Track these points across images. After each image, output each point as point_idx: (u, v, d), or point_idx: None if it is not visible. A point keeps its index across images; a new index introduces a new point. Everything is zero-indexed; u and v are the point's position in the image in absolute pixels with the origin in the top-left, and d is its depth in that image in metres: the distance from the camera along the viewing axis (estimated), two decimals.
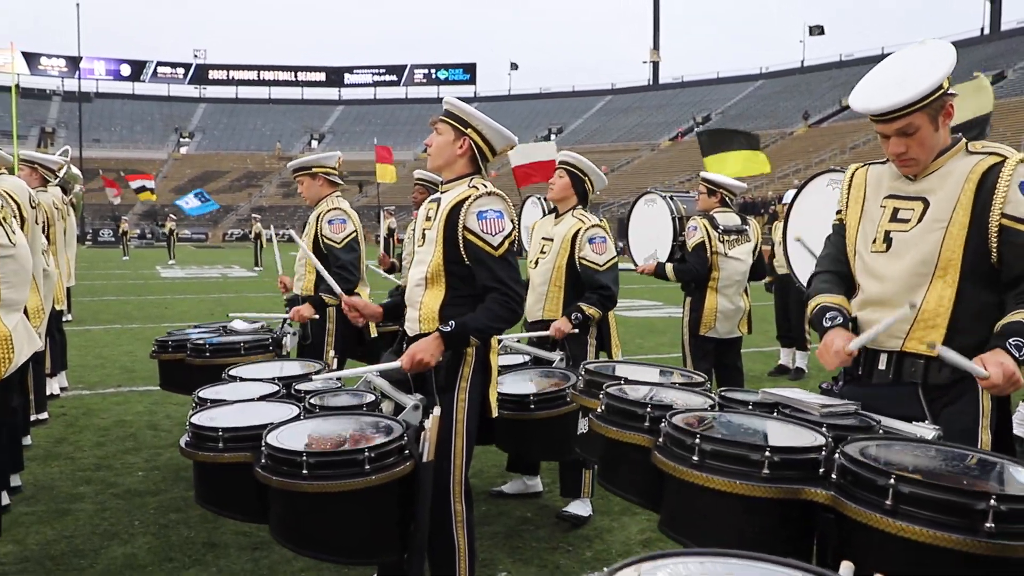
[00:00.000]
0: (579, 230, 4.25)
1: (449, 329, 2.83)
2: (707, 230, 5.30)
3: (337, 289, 3.59)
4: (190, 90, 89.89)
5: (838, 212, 2.64)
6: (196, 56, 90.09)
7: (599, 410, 2.60)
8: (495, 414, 3.14)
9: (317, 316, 4.63)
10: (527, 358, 4.29)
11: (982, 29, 62.97)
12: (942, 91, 2.26)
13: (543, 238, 4.44)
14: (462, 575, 2.96)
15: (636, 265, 6.51)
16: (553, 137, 74.79)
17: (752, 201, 38.53)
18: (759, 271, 5.69)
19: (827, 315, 2.47)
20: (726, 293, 5.36)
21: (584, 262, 4.21)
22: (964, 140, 2.37)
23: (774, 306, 8.89)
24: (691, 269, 5.39)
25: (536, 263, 4.44)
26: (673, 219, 6.00)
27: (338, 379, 3.37)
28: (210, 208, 33.61)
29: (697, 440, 1.98)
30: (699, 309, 5.36)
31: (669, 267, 5.58)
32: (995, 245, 2.24)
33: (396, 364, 2.93)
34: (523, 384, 3.80)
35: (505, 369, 4.04)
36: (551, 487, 4.67)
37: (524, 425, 3.59)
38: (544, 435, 3.60)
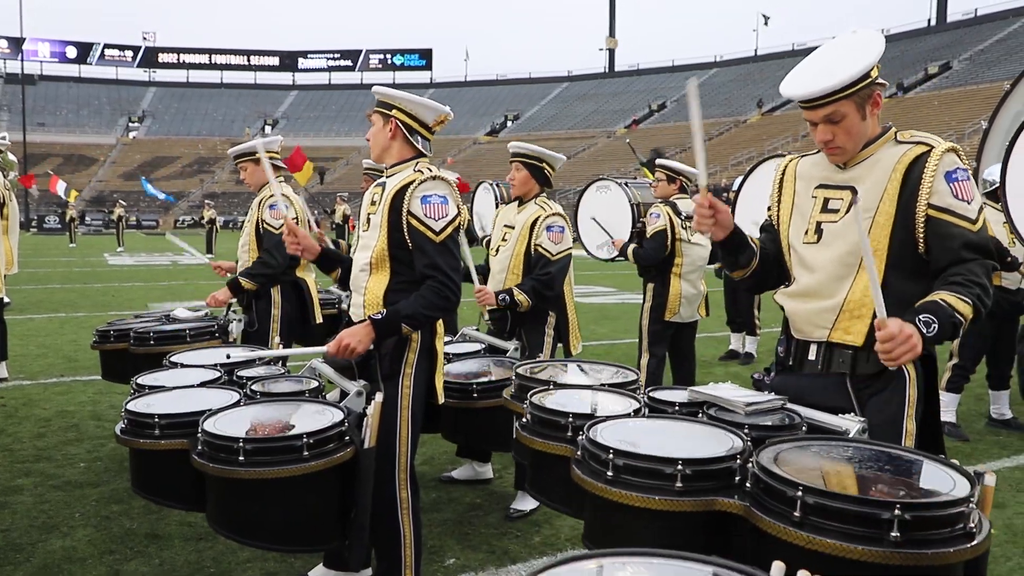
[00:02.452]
0: (539, 217, 4.25)
1: (379, 317, 2.80)
2: (670, 217, 5.33)
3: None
4: (139, 74, 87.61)
5: (769, 208, 2.61)
6: (145, 39, 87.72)
7: (524, 420, 2.57)
8: (441, 400, 3.12)
9: (234, 299, 4.75)
10: (482, 347, 4.24)
11: (929, 20, 64.37)
12: (869, 80, 2.25)
13: (505, 226, 4.41)
14: (407, 562, 2.95)
15: (588, 252, 6.55)
16: (510, 124, 74.67)
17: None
18: (712, 256, 5.74)
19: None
20: (689, 279, 5.41)
21: (539, 248, 4.21)
22: (893, 129, 2.36)
23: (724, 291, 8.99)
24: (647, 255, 5.41)
25: (497, 251, 4.40)
26: (631, 205, 6.01)
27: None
28: (166, 197, 34.17)
29: (611, 455, 1.95)
30: (663, 295, 5.38)
31: (631, 249, 5.59)
32: (922, 236, 2.23)
33: (322, 349, 2.90)
34: (469, 366, 3.78)
35: (456, 357, 4.01)
36: (501, 473, 4.68)
37: (468, 414, 3.53)
38: (489, 424, 3.51)
